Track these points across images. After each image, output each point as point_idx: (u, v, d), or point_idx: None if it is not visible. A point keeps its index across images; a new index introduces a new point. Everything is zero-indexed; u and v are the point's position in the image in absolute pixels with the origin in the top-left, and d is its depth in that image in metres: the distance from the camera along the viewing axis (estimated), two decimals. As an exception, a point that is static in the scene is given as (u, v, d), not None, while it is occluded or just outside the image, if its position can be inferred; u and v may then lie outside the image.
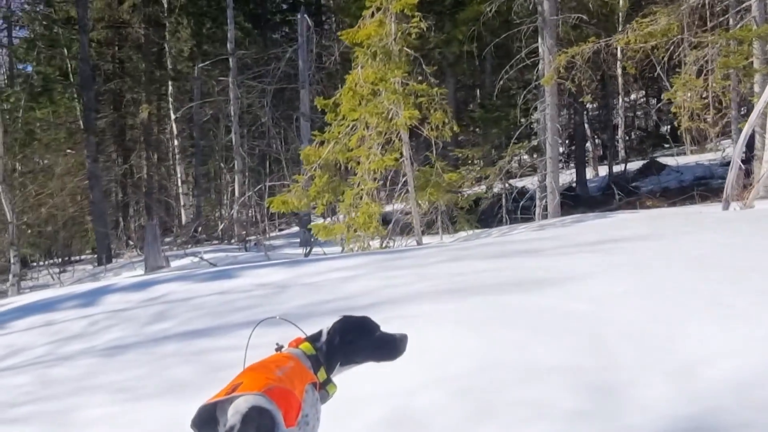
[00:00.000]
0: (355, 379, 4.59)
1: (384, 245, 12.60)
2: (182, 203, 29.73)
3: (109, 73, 31.90)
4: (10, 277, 15.17)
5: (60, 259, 29.42)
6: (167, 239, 27.69)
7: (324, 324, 5.09)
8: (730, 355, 4.21)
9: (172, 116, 29.43)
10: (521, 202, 16.30)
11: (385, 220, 13.34)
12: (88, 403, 5.34)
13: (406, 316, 5.58)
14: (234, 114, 23.04)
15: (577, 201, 19.82)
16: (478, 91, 25.62)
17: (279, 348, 3.32)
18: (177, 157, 29.81)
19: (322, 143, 11.88)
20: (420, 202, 12.76)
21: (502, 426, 3.84)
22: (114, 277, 16.51)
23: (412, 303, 5.93)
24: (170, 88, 29.94)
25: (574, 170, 23.79)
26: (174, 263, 15.49)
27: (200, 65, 25.74)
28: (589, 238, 8.55)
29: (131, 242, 28.49)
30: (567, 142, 30.64)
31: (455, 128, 12.15)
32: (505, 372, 4.40)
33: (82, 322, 7.57)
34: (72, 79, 27.81)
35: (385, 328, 5.39)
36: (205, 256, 15.32)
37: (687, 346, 4.44)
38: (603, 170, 25.42)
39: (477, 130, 20.43)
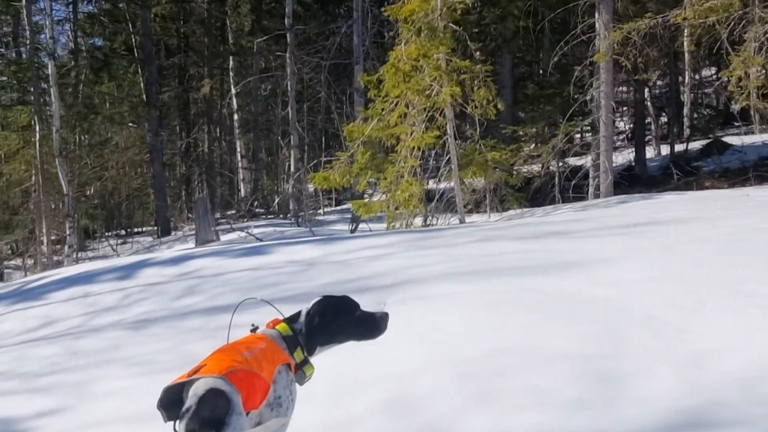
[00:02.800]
0: (360, 361, 4.62)
1: (428, 223, 12.54)
2: (241, 177, 30.03)
3: (173, 48, 32.28)
4: (66, 248, 15.55)
5: (124, 231, 30.13)
6: (228, 212, 28.12)
7: None
8: (741, 348, 4.08)
9: (233, 91, 29.69)
10: (573, 181, 15.98)
11: (430, 197, 13.27)
12: (108, 375, 5.45)
13: (424, 297, 5.56)
14: (291, 89, 23.09)
15: (634, 180, 19.40)
16: (535, 67, 25.22)
17: (254, 329, 3.33)
18: (237, 131, 30.07)
19: (366, 120, 11.83)
20: (465, 180, 12.65)
21: (498, 412, 3.80)
22: (167, 249, 16.82)
23: (432, 284, 5.88)
24: (231, 62, 30.19)
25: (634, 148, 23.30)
26: (224, 237, 15.69)
27: (259, 40, 25.84)
28: (626, 220, 8.35)
29: (191, 215, 28.95)
30: (627, 119, 29.99)
31: (500, 106, 11.89)
32: (512, 357, 4.33)
33: (116, 294, 7.72)
34: (136, 54, 28.20)
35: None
36: (255, 231, 15.46)
37: (700, 336, 4.31)
38: (666, 149, 24.81)
39: (531, 107, 20.09)
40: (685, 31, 16.19)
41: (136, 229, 30.39)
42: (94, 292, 8.00)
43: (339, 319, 3.34)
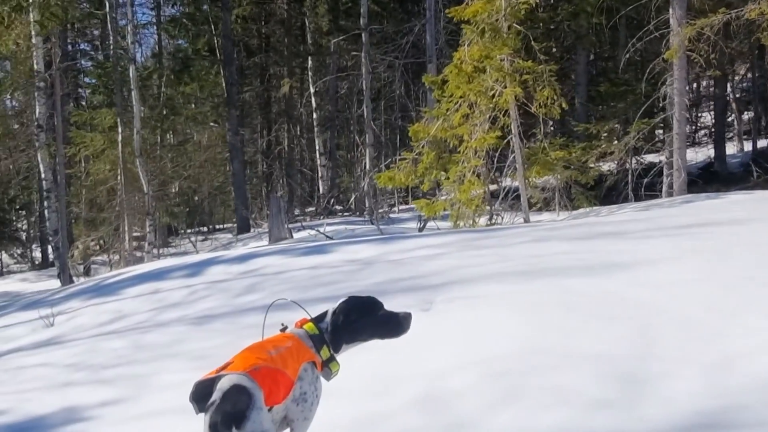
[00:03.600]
0: (398, 359, 4.80)
1: (492, 221, 12.59)
2: (320, 175, 30.48)
3: (254, 48, 32.96)
4: (146, 244, 16.16)
5: (205, 228, 30.97)
6: (307, 210, 28.60)
7: (394, 301, 5.34)
8: (772, 351, 4.08)
9: (312, 90, 30.22)
10: (647, 179, 15.76)
11: (496, 196, 13.29)
12: (168, 368, 5.76)
13: (469, 297, 5.68)
14: (366, 88, 23.35)
15: (713, 178, 19.03)
16: (610, 64, 24.88)
17: (283, 328, 3.54)
18: (316, 129, 30.56)
19: (431, 120, 11.93)
20: (532, 178, 12.65)
21: (523, 410, 3.91)
22: (241, 247, 17.26)
23: (479, 284, 6.00)
24: (310, 62, 30.71)
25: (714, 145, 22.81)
26: (297, 235, 16.03)
27: (336, 39, 26.22)
28: (682, 221, 8.29)
29: (270, 212, 29.51)
30: (712, 115, 29.27)
31: (564, 105, 11.86)
32: (543, 357, 4.43)
33: (182, 291, 8.08)
34: (218, 55, 28.93)
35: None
36: (328, 229, 15.74)
37: (733, 338, 4.32)
38: (749, 146, 24.16)
39: (604, 104, 19.86)
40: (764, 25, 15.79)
41: (217, 226, 31.23)
42: (164, 289, 8.40)
43: (363, 319, 3.52)
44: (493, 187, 13.59)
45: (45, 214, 17.14)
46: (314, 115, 30.67)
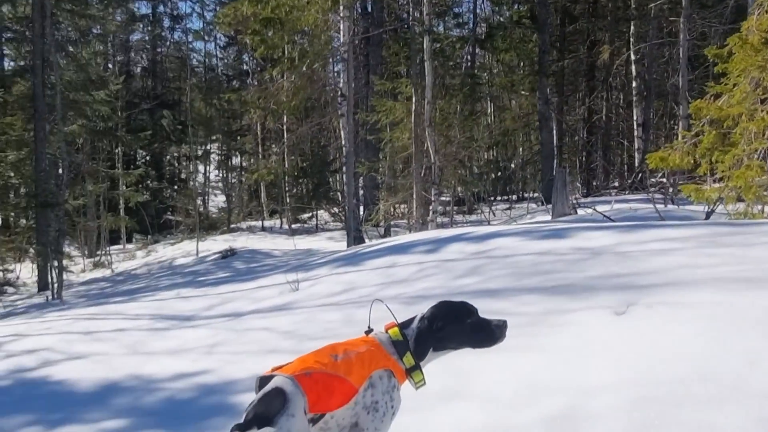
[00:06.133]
0: (555, 365, 4.48)
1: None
2: (637, 147, 29.12)
3: (576, 14, 32.18)
4: (431, 213, 16.58)
5: (515, 196, 31.11)
6: (614, 184, 27.56)
7: (595, 299, 4.98)
8: None
9: (632, 57, 28.87)
10: None
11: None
12: (362, 347, 5.86)
13: (672, 304, 5.13)
14: (682, 55, 21.76)
15: None
16: None
17: (368, 331, 3.44)
18: (634, 98, 29.19)
19: (717, 96, 10.71)
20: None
21: (653, 446, 3.47)
22: (528, 218, 17.10)
23: (691, 289, 5.36)
24: (632, 28, 29.30)
25: None
26: (581, 211, 15.53)
27: (655, 3, 24.65)
28: None
29: (578, 184, 28.88)
30: None
31: None
32: (706, 387, 3.87)
33: (413, 268, 8.17)
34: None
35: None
36: (616, 206, 15.05)
37: None
38: None
39: None
40: None
41: (527, 195, 31.15)
42: (399, 263, 8.55)
43: (449, 326, 3.35)
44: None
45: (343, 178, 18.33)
46: (633, 84, 29.31)
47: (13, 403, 6.02)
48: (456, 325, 3.34)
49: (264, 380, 3.10)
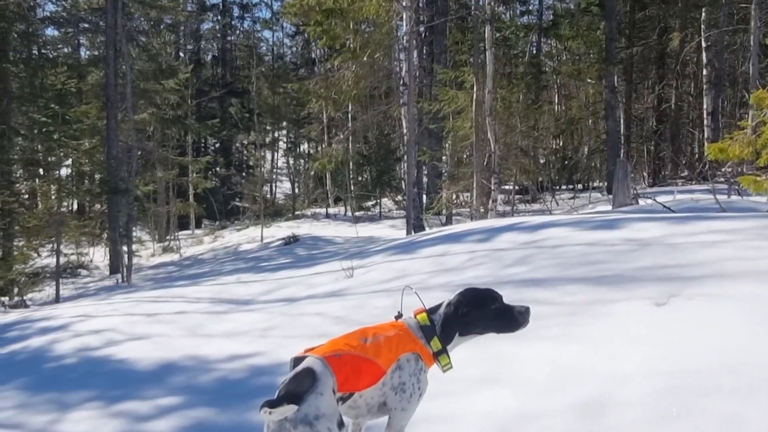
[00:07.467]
0: (590, 353, 4.58)
1: None
2: (706, 136, 28.51)
3: (647, 1, 31.60)
4: (490, 202, 16.60)
5: (581, 185, 30.79)
6: (682, 174, 27.07)
7: (639, 290, 5.02)
8: None
9: (703, 44, 28.21)
10: None
11: None
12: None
13: (713, 295, 5.18)
14: (753, 43, 21.15)
15: None
16: None
17: (398, 316, 3.60)
18: (704, 87, 28.54)
19: (780, 85, 10.48)
20: None
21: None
22: (590, 208, 16.97)
23: (736, 282, 5.37)
24: (703, 14, 28.63)
25: None
26: (642, 202, 15.36)
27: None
28: None
29: (645, 174, 28.48)
30: None
31: None
32: (733, 377, 3.93)
33: (464, 256, 8.27)
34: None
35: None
36: (678, 197, 14.84)
37: None
38: None
39: None
40: None
41: (594, 184, 30.81)
42: (451, 252, 8.65)
43: (474, 312, 3.50)
44: None
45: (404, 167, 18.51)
46: (704, 72, 28.66)
47: (78, 380, 6.36)
48: (480, 311, 3.49)
49: (297, 361, 3.28)
